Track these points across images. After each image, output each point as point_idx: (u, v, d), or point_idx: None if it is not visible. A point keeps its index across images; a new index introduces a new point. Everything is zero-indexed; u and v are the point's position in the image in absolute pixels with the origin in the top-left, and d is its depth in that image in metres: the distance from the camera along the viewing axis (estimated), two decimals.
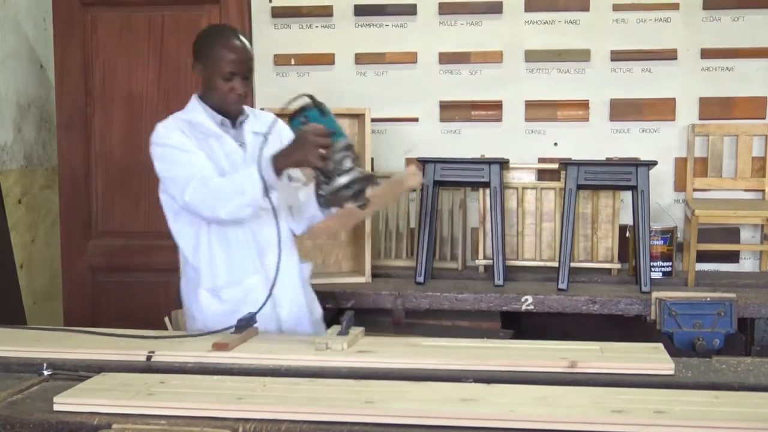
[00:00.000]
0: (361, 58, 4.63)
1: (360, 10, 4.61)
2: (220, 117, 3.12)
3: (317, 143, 2.76)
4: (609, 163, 4.03)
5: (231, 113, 3.13)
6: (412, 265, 4.17)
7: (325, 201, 2.93)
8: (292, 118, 2.88)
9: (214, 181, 2.93)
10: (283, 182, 2.94)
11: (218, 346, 2.59)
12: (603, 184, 3.97)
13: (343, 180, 2.77)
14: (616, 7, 4.45)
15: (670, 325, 3.52)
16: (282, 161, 2.86)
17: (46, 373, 2.43)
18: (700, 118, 4.42)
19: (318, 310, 3.32)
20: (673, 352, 2.68)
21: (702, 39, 4.40)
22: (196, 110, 3.14)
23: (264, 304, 2.85)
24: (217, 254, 3.08)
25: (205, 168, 2.97)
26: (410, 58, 4.60)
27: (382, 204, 2.84)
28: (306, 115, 2.85)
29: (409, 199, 4.45)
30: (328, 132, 2.79)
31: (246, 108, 3.23)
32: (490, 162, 4.01)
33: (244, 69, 3.06)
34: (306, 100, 2.86)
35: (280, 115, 3.08)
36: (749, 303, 3.63)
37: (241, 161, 3.08)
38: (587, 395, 2.17)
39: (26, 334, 2.86)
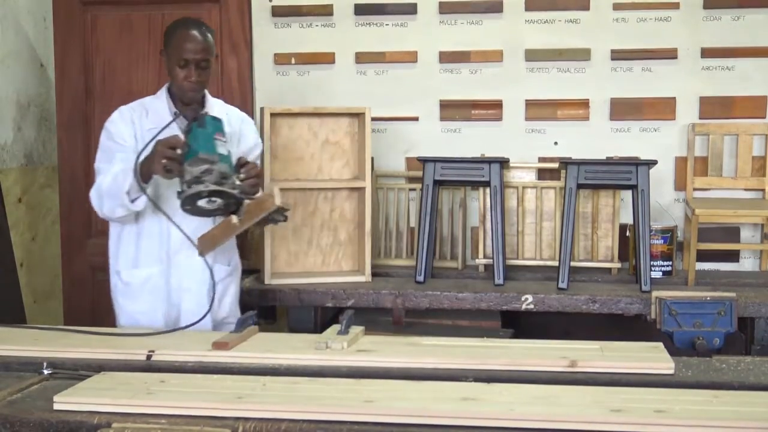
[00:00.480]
0: (361, 57, 4.63)
1: (360, 9, 4.61)
2: (174, 108, 3.27)
3: (163, 154, 2.91)
4: (609, 162, 4.03)
5: (187, 101, 3.26)
6: (412, 264, 4.17)
7: (184, 206, 2.97)
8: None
9: (104, 179, 3.16)
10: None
11: (218, 346, 2.60)
12: (603, 183, 3.97)
13: (191, 191, 2.88)
14: (617, 7, 4.44)
15: (670, 325, 3.52)
16: (142, 168, 3.03)
17: (46, 372, 2.44)
18: (700, 118, 4.42)
19: (227, 311, 3.41)
20: (673, 351, 2.68)
21: (702, 38, 4.40)
22: (159, 97, 3.32)
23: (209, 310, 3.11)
24: (129, 241, 3.29)
25: (114, 167, 3.15)
26: (410, 57, 4.60)
27: (250, 221, 2.95)
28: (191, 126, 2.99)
29: (410, 199, 4.45)
30: (179, 143, 2.93)
31: (219, 103, 3.38)
32: (490, 161, 4.01)
33: (199, 58, 3.18)
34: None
35: None
36: (749, 302, 3.63)
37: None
38: (587, 394, 2.17)
39: (26, 333, 2.86)
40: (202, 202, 2.92)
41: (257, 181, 3.08)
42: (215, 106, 3.35)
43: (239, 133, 3.38)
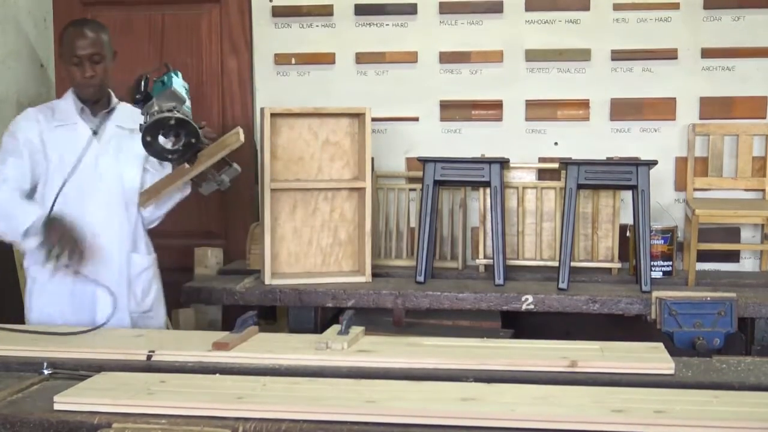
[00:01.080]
0: (361, 58, 4.63)
1: (360, 10, 4.61)
2: (81, 104, 3.38)
3: (61, 244, 3.03)
4: (609, 162, 4.03)
5: (87, 98, 3.37)
6: (412, 264, 4.17)
7: (145, 136, 2.97)
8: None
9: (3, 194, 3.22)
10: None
11: (218, 346, 2.60)
12: (603, 183, 3.97)
13: (159, 116, 2.92)
14: (617, 7, 4.44)
15: (670, 325, 3.51)
16: (44, 229, 3.10)
17: (46, 372, 2.44)
18: (700, 118, 4.42)
19: (150, 304, 3.50)
20: (674, 351, 2.68)
21: (702, 38, 4.40)
22: (66, 98, 3.42)
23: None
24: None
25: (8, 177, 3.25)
26: (411, 58, 4.60)
27: (206, 162, 3.03)
28: (163, 81, 3.05)
29: (410, 199, 4.45)
30: (83, 245, 3.07)
31: (127, 106, 3.43)
32: (490, 161, 4.01)
33: (90, 53, 3.29)
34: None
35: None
36: (749, 302, 3.63)
37: (86, 146, 3.31)
38: (587, 395, 2.17)
39: (26, 334, 2.86)
40: (163, 140, 2.93)
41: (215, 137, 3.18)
42: (123, 108, 3.46)
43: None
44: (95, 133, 3.40)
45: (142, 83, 3.05)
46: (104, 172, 3.38)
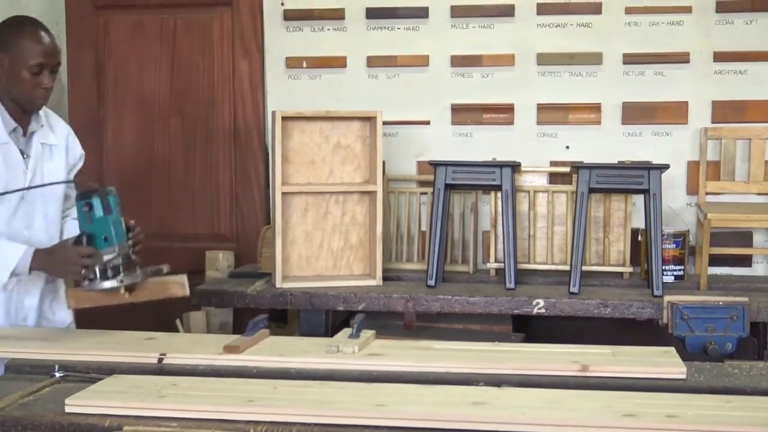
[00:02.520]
0: (372, 61, 4.63)
1: (372, 13, 4.61)
2: (14, 123, 3.07)
3: (81, 264, 2.77)
4: (621, 166, 4.02)
5: (35, 109, 3.10)
6: (423, 268, 4.17)
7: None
8: (78, 197, 2.83)
9: None
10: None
11: (229, 349, 2.60)
12: (615, 187, 3.96)
13: (106, 285, 2.78)
14: (629, 10, 4.43)
15: (682, 329, 3.51)
16: (39, 264, 2.90)
17: (57, 374, 2.44)
18: (712, 122, 4.40)
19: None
20: (685, 356, 2.68)
21: (714, 42, 4.39)
22: None
23: None
24: None
25: None
26: (422, 61, 4.60)
27: (147, 297, 2.90)
28: (90, 203, 2.78)
29: (421, 203, 4.45)
30: (92, 252, 2.77)
31: (43, 114, 3.19)
32: (501, 165, 4.00)
33: (53, 62, 3.03)
34: (93, 186, 2.84)
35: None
36: (762, 307, 3.61)
37: (22, 173, 3.07)
38: (599, 399, 2.16)
39: (38, 336, 2.87)
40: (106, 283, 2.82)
41: (141, 245, 2.97)
42: (50, 116, 3.24)
43: (66, 147, 3.27)
44: (23, 154, 3.10)
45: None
46: (33, 203, 3.13)
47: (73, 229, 3.16)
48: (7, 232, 3.01)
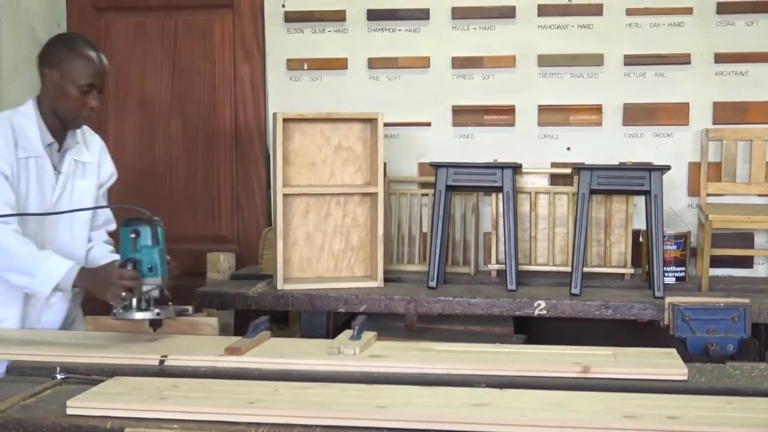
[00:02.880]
0: (373, 63, 4.63)
1: (373, 15, 4.61)
2: (50, 138, 3.07)
3: (123, 286, 2.72)
4: (622, 167, 4.02)
5: (75, 127, 3.12)
6: (424, 269, 4.17)
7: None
8: (126, 223, 2.81)
9: (17, 245, 2.88)
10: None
11: (230, 351, 2.60)
12: (616, 188, 3.96)
13: (137, 316, 2.76)
14: (630, 12, 4.44)
15: (683, 331, 3.50)
16: (82, 282, 2.88)
17: (59, 376, 2.44)
18: (713, 123, 4.40)
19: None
20: (687, 357, 2.67)
21: (715, 43, 4.39)
22: (29, 120, 3.06)
23: None
24: None
25: (6, 211, 2.90)
26: (423, 63, 4.60)
27: (171, 332, 2.88)
28: (138, 231, 2.77)
29: (422, 204, 4.45)
30: (136, 276, 2.73)
31: (80, 131, 3.19)
32: (502, 166, 4.00)
33: (102, 83, 3.07)
34: (145, 214, 2.80)
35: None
36: (763, 308, 3.61)
37: (50, 188, 3.07)
38: (600, 400, 2.16)
39: (39, 338, 2.87)
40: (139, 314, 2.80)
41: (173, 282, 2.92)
42: (86, 133, 3.25)
43: (99, 163, 3.27)
44: (56, 170, 3.12)
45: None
46: (58, 219, 3.12)
47: (96, 256, 3.19)
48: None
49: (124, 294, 2.72)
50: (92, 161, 3.22)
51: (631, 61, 4.44)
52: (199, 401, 2.15)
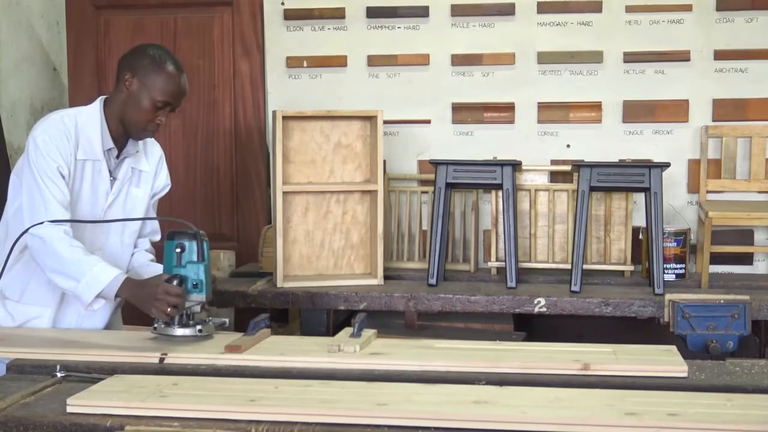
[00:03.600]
0: (373, 60, 4.63)
1: (372, 12, 4.61)
2: (111, 143, 3.03)
3: (168, 302, 2.70)
4: (622, 164, 4.02)
5: (137, 138, 3.08)
6: (424, 267, 4.17)
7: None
8: (171, 236, 2.79)
9: (66, 248, 2.84)
10: None
11: (230, 348, 2.60)
12: (616, 185, 3.96)
13: (178, 332, 2.75)
14: (629, 9, 4.43)
15: (683, 328, 3.51)
16: (126, 293, 2.84)
17: (59, 374, 2.44)
18: (713, 120, 4.41)
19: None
20: (687, 354, 2.67)
21: (715, 40, 4.39)
22: (93, 120, 3.03)
23: None
24: (24, 270, 3.02)
25: (60, 216, 2.87)
26: (422, 60, 4.60)
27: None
28: (183, 245, 2.75)
29: (422, 202, 4.45)
30: (182, 293, 2.71)
31: (150, 140, 3.20)
32: (502, 164, 4.00)
33: (178, 102, 3.03)
34: (192, 228, 2.78)
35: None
36: (763, 305, 3.61)
37: (104, 194, 3.05)
38: (600, 397, 2.17)
39: (39, 336, 2.87)
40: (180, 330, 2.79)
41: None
42: (148, 141, 3.21)
43: (156, 172, 3.25)
44: (111, 176, 3.08)
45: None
46: (110, 224, 3.10)
47: (136, 265, 3.18)
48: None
49: (169, 310, 2.70)
50: (149, 170, 3.19)
51: (630, 58, 4.44)
52: (199, 399, 2.15)
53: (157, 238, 3.31)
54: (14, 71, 4.50)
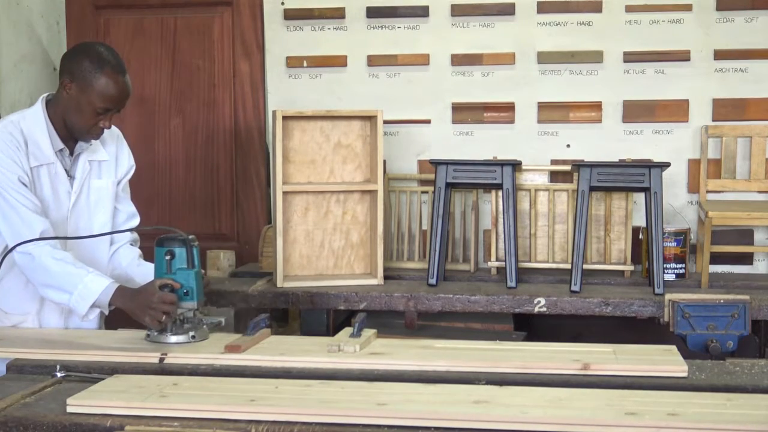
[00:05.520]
0: (373, 60, 4.63)
1: (372, 12, 4.61)
2: (61, 144, 2.98)
3: (161, 310, 2.69)
4: (622, 164, 4.02)
5: (83, 141, 3.01)
6: (424, 267, 4.17)
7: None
8: (160, 243, 2.79)
9: (54, 262, 2.83)
10: None
11: (230, 348, 2.60)
12: (616, 185, 3.96)
13: (172, 339, 2.74)
14: (629, 8, 4.43)
15: (683, 327, 3.51)
16: (119, 301, 2.82)
17: (59, 374, 2.45)
18: (713, 120, 4.40)
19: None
20: (687, 354, 2.67)
21: (715, 40, 4.38)
22: (38, 124, 2.95)
23: None
24: (11, 277, 2.99)
25: (40, 225, 2.85)
26: (422, 60, 4.60)
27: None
28: (173, 252, 2.76)
29: (422, 201, 4.45)
30: (175, 300, 2.71)
31: None
32: (502, 164, 4.00)
33: (121, 106, 2.93)
34: (180, 234, 2.77)
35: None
36: (763, 305, 3.61)
37: (66, 194, 3.01)
38: (600, 397, 2.17)
39: (39, 337, 2.87)
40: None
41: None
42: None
43: (116, 157, 3.17)
44: (69, 175, 3.03)
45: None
46: (77, 221, 3.06)
47: (124, 264, 3.16)
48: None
49: (164, 318, 2.70)
50: (108, 158, 3.13)
51: (630, 57, 4.44)
52: (199, 399, 2.15)
53: (136, 222, 3.26)
54: (14, 71, 4.49)
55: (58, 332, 2.97)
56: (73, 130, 2.96)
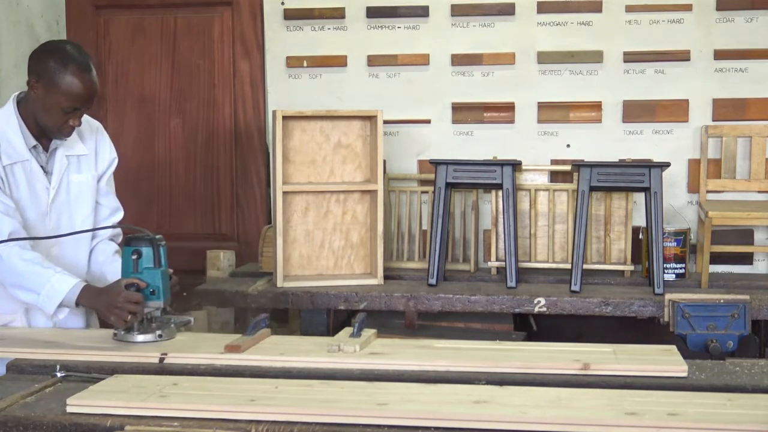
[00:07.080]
0: (373, 60, 4.63)
1: (372, 12, 4.61)
2: (34, 141, 2.97)
3: (127, 309, 2.70)
4: (622, 164, 4.02)
5: (56, 139, 3.00)
6: (424, 267, 4.17)
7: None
8: (128, 242, 2.79)
9: (21, 263, 2.83)
10: None
11: (230, 348, 2.60)
12: (616, 185, 3.96)
13: (139, 339, 2.75)
14: (629, 8, 4.43)
15: (683, 327, 3.51)
16: (85, 300, 2.83)
17: (59, 374, 2.45)
18: (713, 120, 4.40)
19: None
20: (687, 354, 2.67)
21: (715, 40, 4.38)
22: (10, 123, 2.94)
23: None
24: None
25: (8, 226, 2.84)
26: (422, 60, 4.60)
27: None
28: (139, 252, 2.75)
29: (422, 202, 4.45)
30: (140, 299, 2.72)
31: None
32: (502, 164, 4.00)
33: (89, 104, 2.92)
34: (147, 234, 2.76)
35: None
36: (763, 305, 3.61)
37: (44, 190, 3.00)
38: (600, 397, 2.17)
39: (39, 336, 2.87)
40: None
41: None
42: (83, 121, 3.02)
43: (96, 151, 3.16)
44: (45, 171, 3.01)
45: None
46: (59, 217, 3.06)
47: (100, 260, 3.15)
48: (36, 248, 2.93)
49: (129, 318, 2.70)
50: (87, 152, 3.12)
51: (630, 57, 4.44)
52: (199, 399, 2.15)
53: (120, 215, 3.24)
54: (14, 71, 4.49)
55: (58, 332, 2.97)
56: (44, 129, 2.95)
